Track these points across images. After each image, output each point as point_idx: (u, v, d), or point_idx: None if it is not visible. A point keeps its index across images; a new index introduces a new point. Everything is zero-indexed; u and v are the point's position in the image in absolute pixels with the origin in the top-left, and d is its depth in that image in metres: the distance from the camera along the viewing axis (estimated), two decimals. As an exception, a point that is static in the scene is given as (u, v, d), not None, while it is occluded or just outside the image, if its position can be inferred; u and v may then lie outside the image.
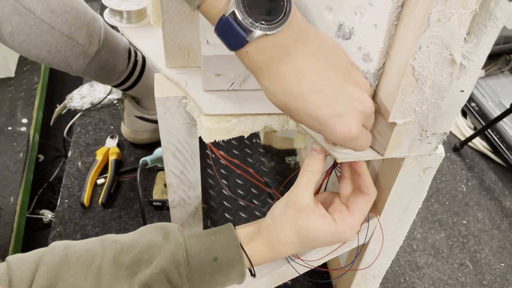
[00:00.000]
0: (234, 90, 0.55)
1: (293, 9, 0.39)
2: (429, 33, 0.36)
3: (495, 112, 1.24)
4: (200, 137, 0.55)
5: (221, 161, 1.01)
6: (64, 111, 1.17)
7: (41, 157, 1.25)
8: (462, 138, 1.24)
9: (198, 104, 0.52)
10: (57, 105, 1.17)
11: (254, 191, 0.96)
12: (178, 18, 0.51)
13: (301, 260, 0.59)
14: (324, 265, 0.82)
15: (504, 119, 1.18)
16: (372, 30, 0.41)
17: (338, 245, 0.58)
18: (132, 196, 0.94)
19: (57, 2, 0.73)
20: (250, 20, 0.37)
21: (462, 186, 1.13)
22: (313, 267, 0.60)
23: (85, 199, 0.90)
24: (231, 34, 0.38)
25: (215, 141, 0.54)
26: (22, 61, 1.28)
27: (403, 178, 0.51)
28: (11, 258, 0.46)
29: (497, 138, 1.19)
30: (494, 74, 1.40)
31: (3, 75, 1.23)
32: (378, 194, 0.56)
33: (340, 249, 0.59)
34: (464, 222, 1.04)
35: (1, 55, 1.19)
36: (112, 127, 1.09)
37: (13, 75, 1.24)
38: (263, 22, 0.37)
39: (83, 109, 1.13)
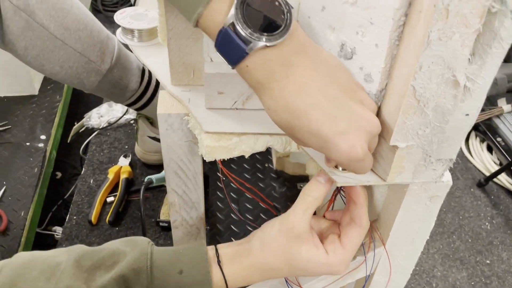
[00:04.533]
0: (237, 109, 0.54)
1: (295, 23, 0.38)
2: (430, 52, 0.35)
3: (522, 148, 1.20)
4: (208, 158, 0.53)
5: (231, 184, 1.00)
6: (82, 130, 1.19)
7: (59, 174, 1.27)
8: (487, 174, 1.19)
9: (198, 121, 0.52)
10: (76, 123, 1.20)
11: (263, 216, 0.94)
12: (183, 36, 0.51)
13: (302, 289, 0.56)
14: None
15: (532, 156, 1.13)
16: (373, 49, 0.40)
17: (338, 276, 0.55)
18: (139, 216, 0.93)
19: (71, 20, 0.75)
20: (250, 30, 0.36)
21: (486, 223, 1.08)
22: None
23: (93, 216, 0.90)
24: (231, 47, 0.37)
25: (227, 164, 0.53)
26: (47, 80, 1.32)
27: (408, 206, 0.48)
28: None
29: (523, 175, 1.14)
30: (523, 108, 1.35)
31: (27, 93, 1.27)
32: (384, 223, 0.54)
33: (342, 280, 0.56)
34: (488, 261, 0.98)
35: (26, 74, 1.23)
36: (126, 147, 1.10)
37: (36, 93, 1.28)
38: (263, 33, 0.37)
39: (100, 127, 1.15)
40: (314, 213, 0.50)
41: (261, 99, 0.40)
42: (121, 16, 0.63)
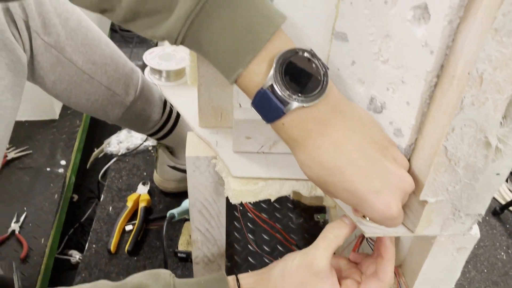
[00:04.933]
0: (263, 152, 0.55)
1: (330, 83, 0.40)
2: (463, 116, 0.36)
3: (538, 176, 1.18)
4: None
5: (248, 214, 1.00)
6: (101, 155, 1.21)
7: (75, 196, 1.29)
8: (503, 202, 1.18)
9: (226, 165, 0.53)
10: (95, 149, 1.22)
11: (280, 248, 0.94)
12: (214, 83, 0.53)
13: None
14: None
15: (548, 185, 1.12)
16: (404, 106, 0.41)
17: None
18: (158, 245, 0.94)
19: (98, 55, 0.77)
20: (288, 92, 0.37)
21: (502, 253, 1.06)
22: None
23: (112, 245, 0.91)
24: (269, 107, 0.38)
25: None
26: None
27: (435, 256, 0.48)
28: None
29: (540, 204, 1.13)
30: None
31: (48, 117, 1.29)
32: (410, 270, 0.54)
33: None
34: (504, 293, 0.97)
35: (47, 98, 1.25)
36: (145, 173, 1.12)
37: (57, 117, 1.30)
38: (300, 94, 0.38)
39: (119, 154, 1.16)
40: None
41: (295, 154, 0.41)
42: (150, 56, 0.64)
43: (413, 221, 0.44)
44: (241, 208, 1.00)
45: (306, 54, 0.38)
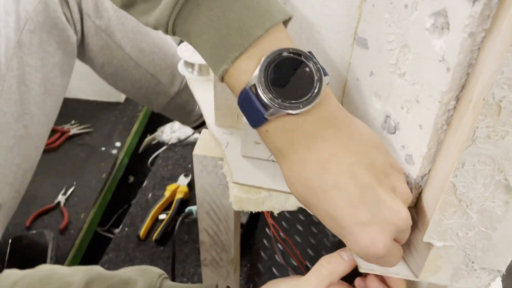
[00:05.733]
0: (273, 161, 0.51)
1: (326, 92, 0.35)
2: (475, 150, 0.29)
3: None
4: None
5: (282, 223, 0.96)
6: (154, 142, 1.24)
7: (131, 178, 1.34)
8: None
9: (230, 169, 0.50)
10: (148, 135, 1.25)
11: (308, 264, 0.89)
12: (230, 80, 0.50)
13: None
14: None
15: None
16: (416, 130, 0.35)
17: None
18: (186, 239, 0.93)
19: (147, 43, 0.78)
20: (270, 95, 0.33)
21: None
22: None
23: (142, 232, 0.92)
24: (251, 109, 0.35)
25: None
26: (134, 90, 1.40)
27: (445, 309, 0.41)
28: (5, 271, 0.48)
29: None
30: None
31: (114, 100, 1.35)
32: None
33: None
34: None
35: (115, 81, 1.31)
36: (190, 165, 1.12)
37: (122, 101, 1.36)
38: (286, 100, 0.33)
39: (170, 143, 1.18)
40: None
41: (280, 167, 0.36)
42: (185, 48, 0.63)
43: (418, 263, 0.38)
44: (276, 215, 0.96)
45: (300, 56, 0.34)
